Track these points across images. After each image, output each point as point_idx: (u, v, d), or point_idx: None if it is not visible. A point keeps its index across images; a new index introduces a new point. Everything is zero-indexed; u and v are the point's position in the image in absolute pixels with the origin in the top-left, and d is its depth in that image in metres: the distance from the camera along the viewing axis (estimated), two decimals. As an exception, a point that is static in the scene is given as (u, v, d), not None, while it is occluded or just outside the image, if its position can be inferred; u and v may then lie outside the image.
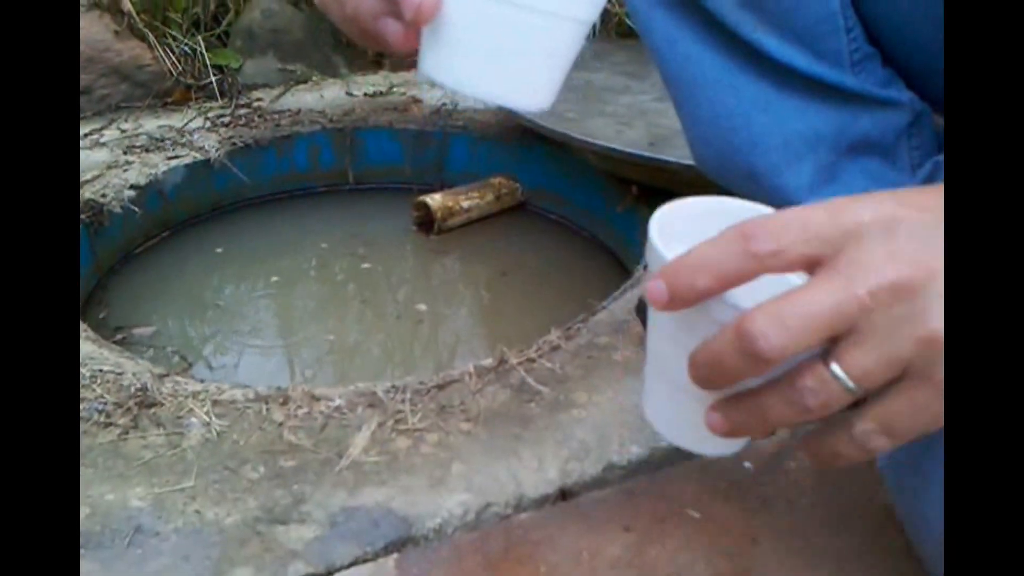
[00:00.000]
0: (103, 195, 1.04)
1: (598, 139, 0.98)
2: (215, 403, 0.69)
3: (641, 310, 0.74)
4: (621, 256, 1.09)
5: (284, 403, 0.69)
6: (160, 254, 1.09)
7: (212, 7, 1.43)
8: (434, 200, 1.15)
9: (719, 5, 0.59)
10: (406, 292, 1.08)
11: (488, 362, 0.74)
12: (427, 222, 1.16)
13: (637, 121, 1.03)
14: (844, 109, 0.61)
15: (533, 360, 0.75)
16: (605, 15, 1.42)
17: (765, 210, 0.39)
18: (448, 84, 0.39)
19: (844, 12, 0.59)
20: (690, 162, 0.90)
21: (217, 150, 1.15)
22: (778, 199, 0.67)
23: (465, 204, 1.16)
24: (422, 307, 1.04)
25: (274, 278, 1.08)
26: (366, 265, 1.11)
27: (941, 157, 0.66)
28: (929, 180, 0.65)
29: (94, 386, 0.70)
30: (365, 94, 1.32)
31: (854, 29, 0.60)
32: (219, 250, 1.10)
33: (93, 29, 1.24)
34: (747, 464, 0.61)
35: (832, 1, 0.58)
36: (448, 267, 1.14)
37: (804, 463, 0.61)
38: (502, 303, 1.06)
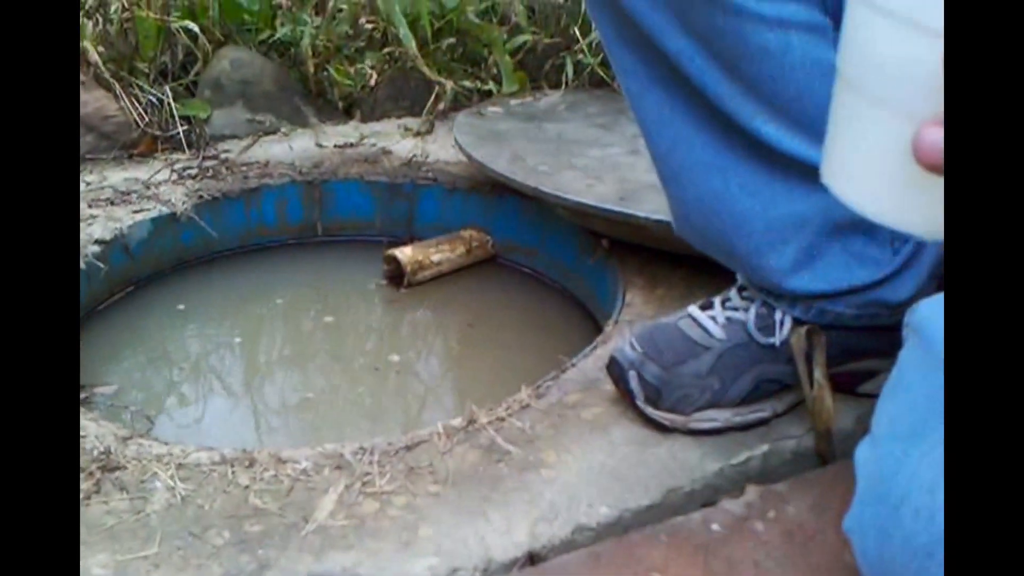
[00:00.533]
0: (66, 250, 1.05)
1: (569, 193, 1.01)
2: (180, 466, 0.70)
3: (613, 368, 0.77)
4: (592, 309, 1.12)
5: (250, 466, 0.71)
6: (124, 310, 1.10)
7: (180, 56, 1.47)
8: (404, 254, 1.17)
9: (721, 94, 0.62)
10: (375, 346, 1.10)
11: (457, 421, 0.76)
12: (397, 276, 1.18)
13: (608, 175, 1.07)
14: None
15: (503, 419, 0.77)
16: (578, 65, 1.47)
17: None
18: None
19: None
20: (660, 217, 0.94)
21: (184, 203, 1.18)
22: (757, 278, 0.70)
23: (436, 258, 1.19)
24: (394, 358, 1.06)
25: (237, 339, 1.09)
26: (334, 319, 1.13)
27: None
28: (911, 259, 0.69)
29: (55, 450, 0.71)
30: (335, 145, 1.36)
31: None
32: (181, 307, 1.11)
33: (58, 80, 1.27)
34: (714, 526, 0.63)
35: (833, 87, 0.62)
36: (418, 321, 1.17)
37: (771, 524, 0.63)
38: (473, 357, 1.09)
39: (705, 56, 0.61)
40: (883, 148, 0.31)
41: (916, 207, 0.31)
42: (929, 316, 0.50)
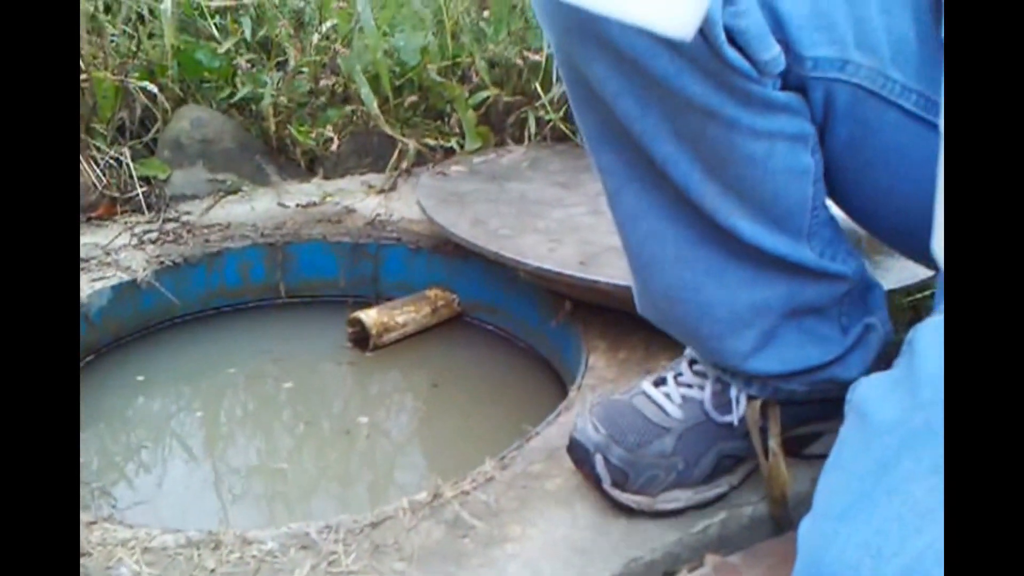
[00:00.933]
0: (24, 322, 1.08)
1: (529, 258, 1.06)
2: (145, 550, 0.73)
3: (576, 451, 0.79)
4: (556, 367, 1.17)
5: (216, 548, 0.74)
6: (84, 381, 1.12)
7: (138, 113, 1.50)
8: (369, 316, 1.21)
9: (702, 194, 0.67)
10: (341, 411, 1.13)
11: (422, 496, 0.80)
12: (363, 338, 1.22)
13: (569, 237, 1.12)
14: (794, 280, 0.70)
15: (467, 492, 0.81)
16: (539, 120, 1.53)
17: None
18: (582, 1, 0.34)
19: (816, 195, 0.68)
20: (619, 282, 0.99)
21: (144, 269, 1.21)
22: (717, 359, 0.75)
23: (401, 319, 1.23)
24: (363, 419, 1.10)
25: (199, 412, 1.12)
26: (300, 385, 1.16)
27: (871, 319, 0.76)
28: (860, 340, 0.75)
29: (19, 537, 0.74)
30: (298, 204, 1.40)
31: (819, 206, 0.69)
32: (140, 378, 1.14)
33: (15, 146, 1.30)
34: (672, 598, 0.68)
35: (807, 187, 0.67)
36: (386, 383, 1.20)
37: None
38: (441, 419, 1.12)
39: (690, 160, 0.66)
40: None
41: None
42: (867, 395, 0.55)
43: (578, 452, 0.77)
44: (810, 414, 0.78)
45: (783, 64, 0.63)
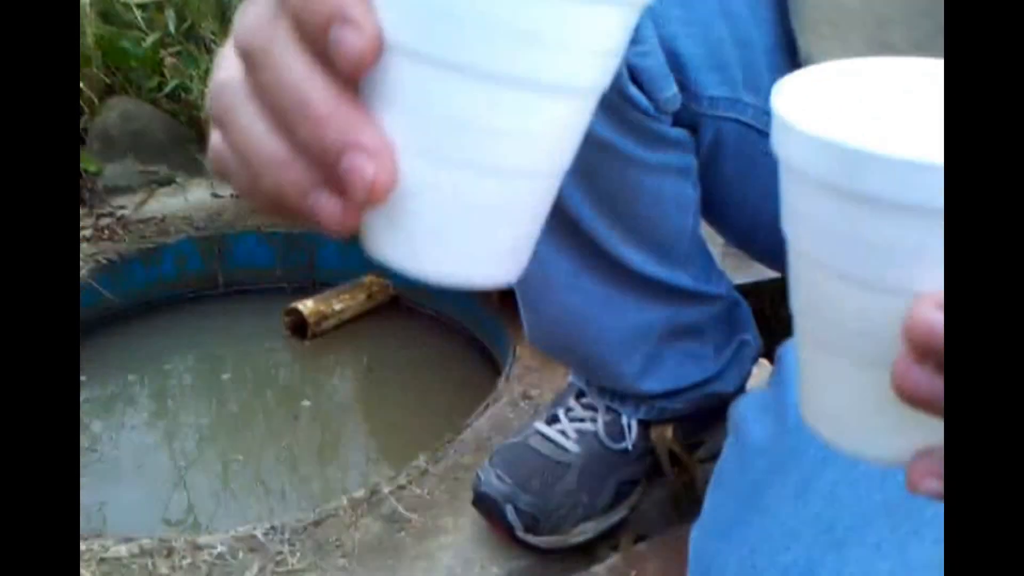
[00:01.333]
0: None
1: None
2: (100, 561, 0.77)
3: (484, 503, 0.78)
4: (489, 349, 1.22)
5: (168, 555, 0.78)
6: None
7: (65, 103, 1.48)
8: (306, 306, 1.24)
9: (594, 223, 0.69)
10: (282, 399, 1.17)
11: (361, 493, 0.85)
12: (301, 325, 1.25)
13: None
14: (673, 303, 0.75)
15: (403, 487, 0.86)
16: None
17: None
18: (405, 267, 0.34)
19: (694, 224, 0.73)
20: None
21: (80, 269, 1.22)
22: (610, 382, 0.80)
23: (337, 306, 1.27)
24: (305, 403, 1.15)
25: (144, 409, 1.15)
26: (239, 375, 1.20)
27: (744, 335, 0.81)
28: (736, 356, 0.81)
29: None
30: (232, 194, 1.41)
31: (695, 234, 0.74)
32: (83, 377, 1.16)
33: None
34: (589, 583, 0.74)
35: (689, 218, 0.72)
36: (324, 371, 1.24)
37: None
38: (377, 404, 1.17)
39: (584, 191, 0.68)
40: (857, 395, 0.32)
41: (899, 442, 0.32)
42: (744, 415, 0.59)
43: (487, 504, 0.78)
44: (693, 428, 0.83)
45: (679, 102, 0.65)
